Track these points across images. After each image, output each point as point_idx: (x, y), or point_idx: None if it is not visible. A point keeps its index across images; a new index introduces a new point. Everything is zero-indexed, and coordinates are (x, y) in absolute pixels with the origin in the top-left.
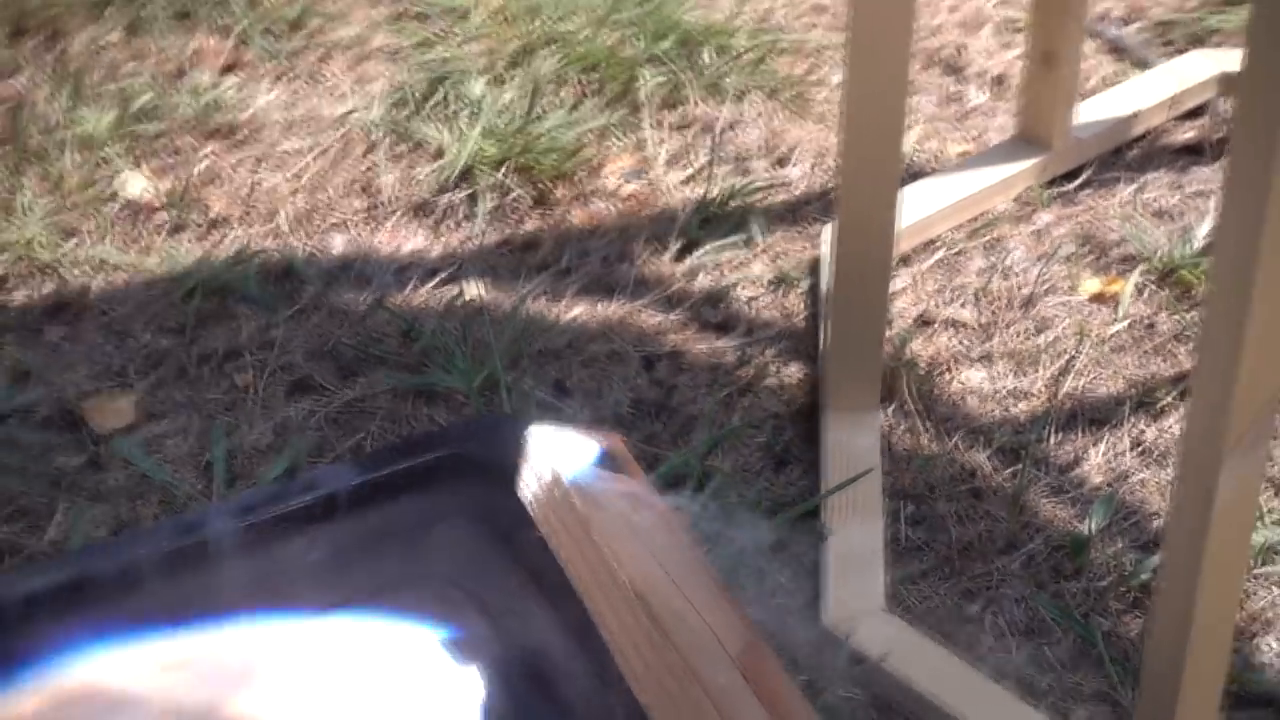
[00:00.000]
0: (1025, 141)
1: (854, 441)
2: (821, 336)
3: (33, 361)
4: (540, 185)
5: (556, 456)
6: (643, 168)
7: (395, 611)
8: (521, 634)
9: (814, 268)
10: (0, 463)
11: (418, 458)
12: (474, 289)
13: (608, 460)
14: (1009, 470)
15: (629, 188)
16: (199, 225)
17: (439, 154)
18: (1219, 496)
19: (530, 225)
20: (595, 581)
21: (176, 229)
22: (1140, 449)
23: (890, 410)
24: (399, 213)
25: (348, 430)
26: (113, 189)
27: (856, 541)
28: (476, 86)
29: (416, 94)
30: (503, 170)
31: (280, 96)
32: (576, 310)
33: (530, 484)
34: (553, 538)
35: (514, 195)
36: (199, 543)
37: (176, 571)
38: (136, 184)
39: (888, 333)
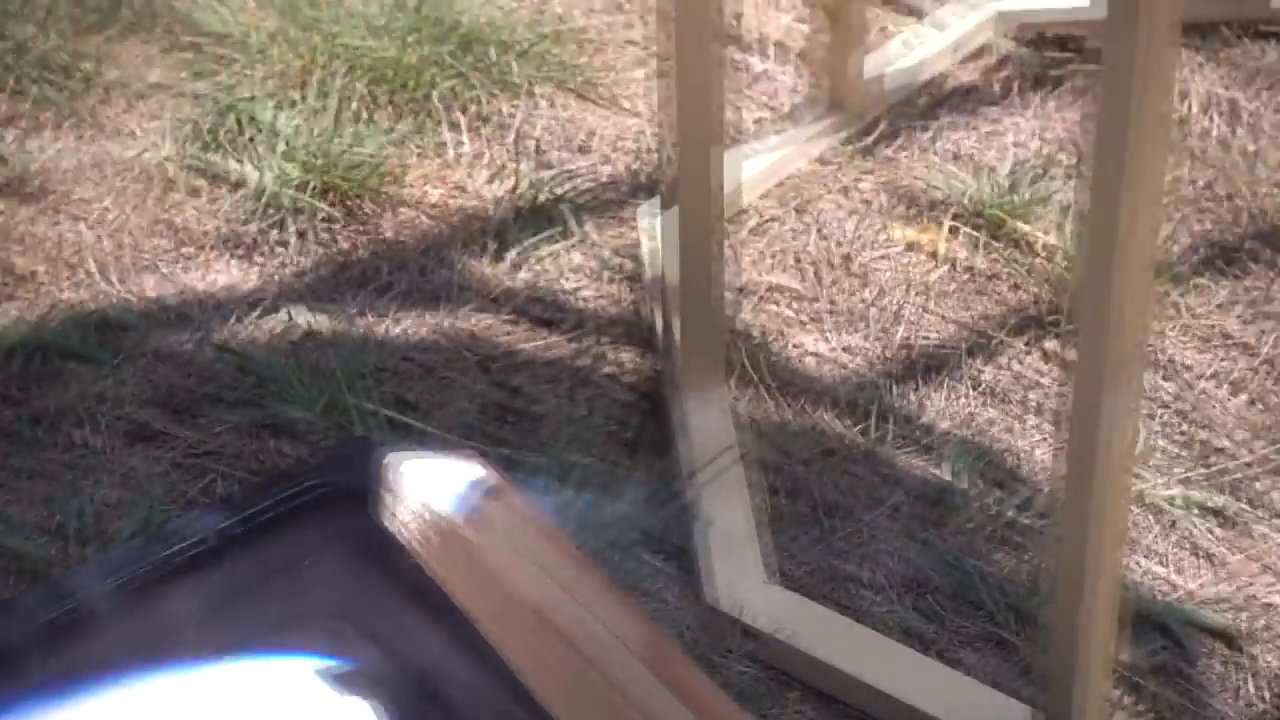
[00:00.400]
0: (819, 102)
1: (706, 419)
2: (656, 319)
3: None
4: (348, 202)
5: (425, 485)
6: (445, 173)
7: (284, 651)
8: (417, 660)
9: (633, 252)
10: None
11: (283, 493)
12: (299, 315)
13: (475, 480)
14: (859, 427)
15: (434, 194)
16: (5, 284)
17: (240, 184)
18: (1100, 433)
19: (344, 244)
20: (487, 604)
21: None
22: (980, 389)
23: (732, 382)
24: (209, 247)
25: (196, 474)
26: None
27: (727, 518)
28: (267, 111)
29: (206, 126)
30: (308, 192)
31: (66, 144)
32: (405, 323)
33: (401, 514)
34: (434, 566)
35: (323, 216)
36: (73, 608)
37: (56, 640)
38: None
39: None
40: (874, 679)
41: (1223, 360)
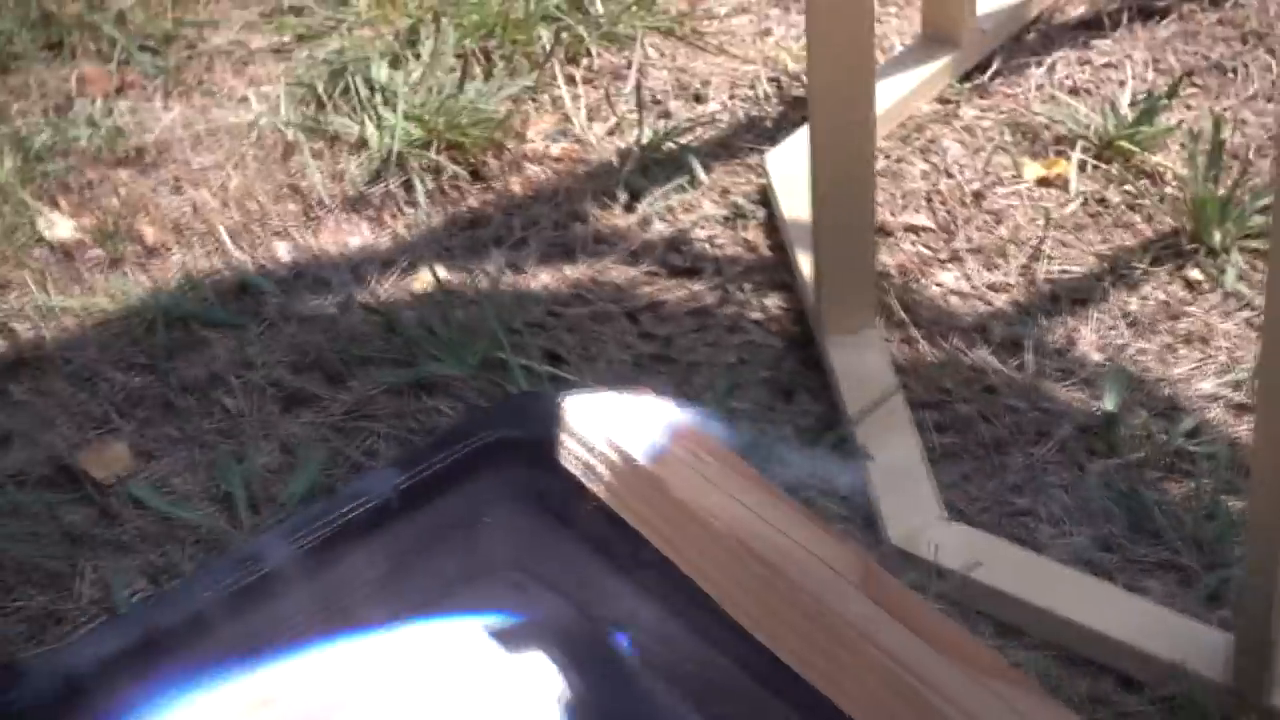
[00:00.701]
0: (932, 41)
1: (862, 361)
2: (799, 263)
3: (8, 423)
4: (472, 160)
5: (607, 424)
6: (565, 126)
7: (466, 609)
8: (600, 609)
9: (764, 196)
10: (9, 531)
11: (457, 448)
12: (436, 273)
13: (656, 416)
14: (1014, 363)
15: (557, 148)
16: (137, 256)
17: (362, 144)
18: None
19: (473, 201)
20: (684, 538)
21: (114, 263)
22: (1129, 320)
23: (879, 324)
24: (337, 210)
25: (355, 436)
26: (36, 234)
27: (897, 457)
28: (381, 71)
29: (320, 88)
30: (432, 150)
31: (180, 113)
32: (545, 278)
33: (583, 455)
34: (621, 504)
35: (449, 174)
36: (260, 576)
37: (242, 608)
38: (61, 225)
39: None
40: (1066, 611)
41: None
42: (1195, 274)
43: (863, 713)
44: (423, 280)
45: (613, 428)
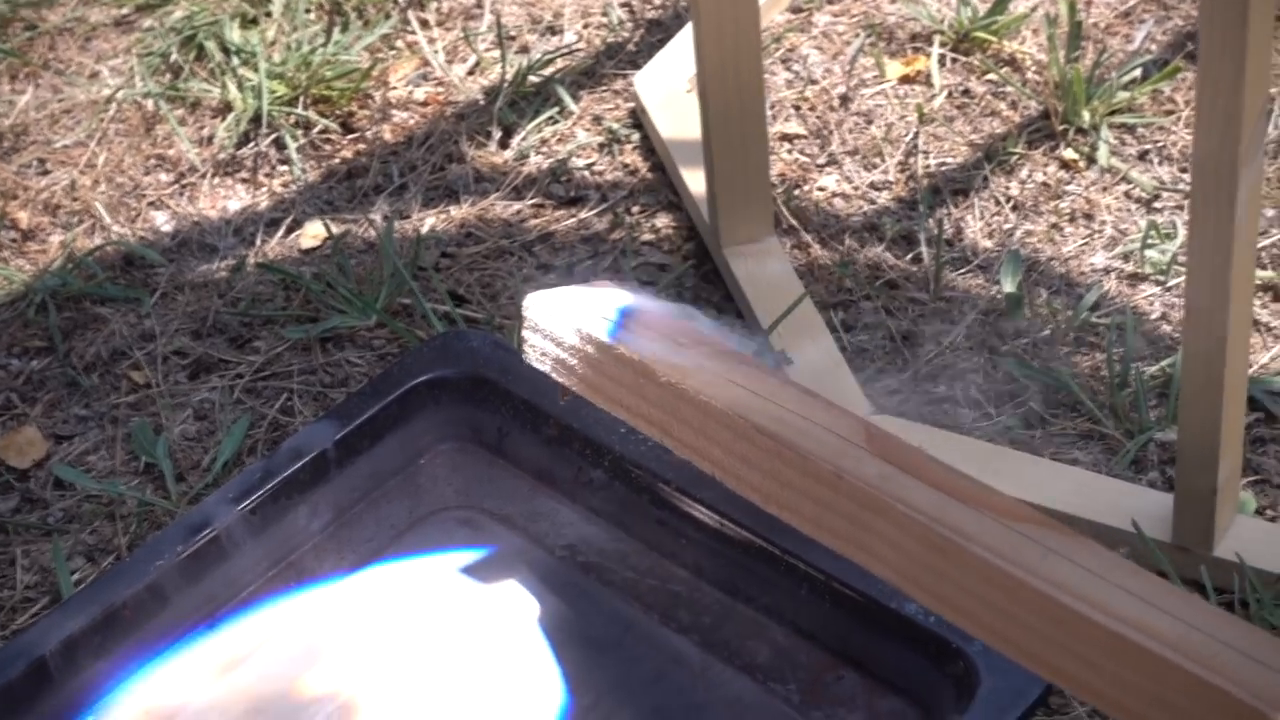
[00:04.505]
0: None
1: (765, 269)
2: (681, 181)
3: None
4: (340, 112)
5: (573, 316)
6: (426, 71)
7: (421, 551)
8: (556, 536)
9: (636, 119)
10: None
11: (389, 395)
12: (328, 226)
13: (621, 304)
14: (909, 256)
15: (421, 93)
16: (13, 241)
17: (226, 107)
18: (1238, 207)
19: (347, 153)
20: (678, 422)
21: None
22: (1012, 204)
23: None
24: (211, 175)
25: (270, 396)
26: None
27: (816, 358)
28: (234, 33)
29: (174, 56)
30: (299, 106)
31: (32, 94)
32: (433, 221)
33: (551, 351)
34: (602, 396)
35: (319, 128)
36: (209, 540)
37: (197, 574)
38: None
39: None
40: (1006, 488)
41: None
42: (1069, 153)
43: (895, 572)
44: (311, 235)
45: (584, 321)
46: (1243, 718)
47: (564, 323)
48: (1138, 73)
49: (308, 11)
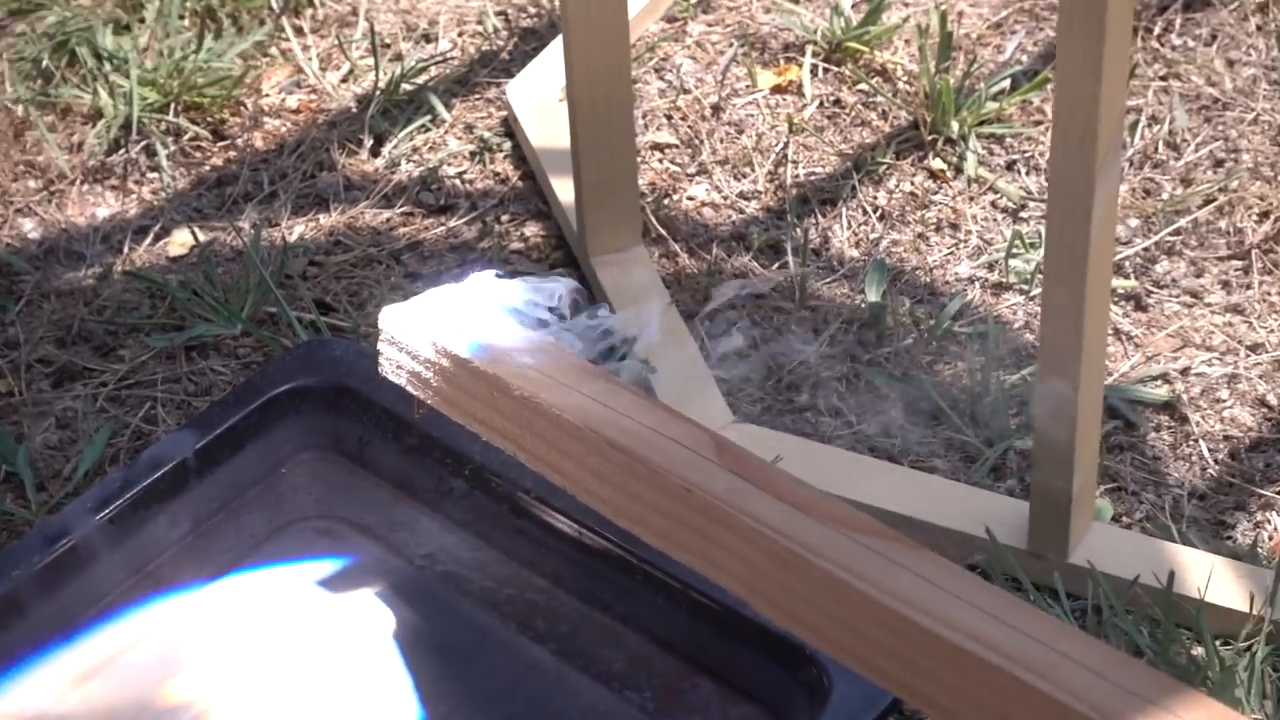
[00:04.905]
0: None
1: (631, 278)
2: (550, 189)
3: None
4: (212, 119)
5: (428, 328)
6: (300, 78)
7: (279, 560)
8: (415, 545)
9: (508, 128)
10: None
11: (250, 405)
12: (195, 234)
13: (479, 317)
14: (776, 265)
15: (294, 100)
16: None
17: (97, 114)
18: (1094, 221)
19: (218, 160)
20: (531, 435)
21: None
22: (879, 213)
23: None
24: (80, 182)
25: (133, 405)
26: None
27: (680, 367)
28: (107, 39)
29: (45, 61)
30: (171, 113)
31: None
32: (302, 229)
33: (406, 364)
34: (456, 410)
35: (190, 135)
36: (67, 550)
37: (53, 584)
38: None
39: None
40: (864, 497)
41: None
42: (937, 163)
43: (742, 585)
44: (179, 243)
45: (438, 333)
46: None
47: (419, 336)
48: (1006, 83)
49: (181, 18)
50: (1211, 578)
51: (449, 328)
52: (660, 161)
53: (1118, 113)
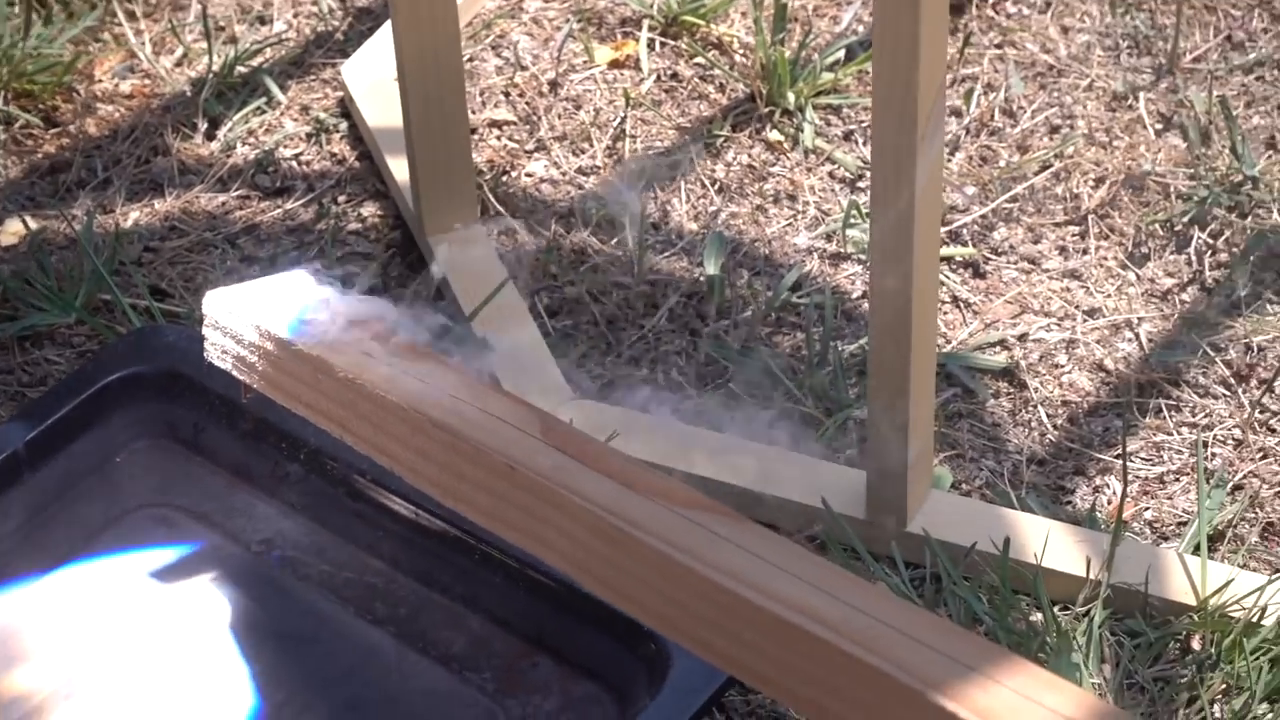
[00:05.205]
0: None
1: (468, 256)
2: (387, 169)
3: None
4: (43, 106)
5: (252, 312)
6: (133, 63)
7: (115, 550)
8: (252, 531)
9: (344, 108)
10: None
11: (81, 393)
12: (21, 225)
13: (303, 298)
14: (614, 240)
15: (127, 85)
16: None
17: None
18: (918, 185)
19: (50, 147)
20: (356, 417)
21: None
22: (717, 186)
23: (479, 220)
24: None
25: None
26: None
27: (518, 345)
28: None
29: None
30: (0, 101)
31: None
32: (136, 215)
33: (231, 348)
34: (281, 393)
35: (21, 123)
36: None
37: None
38: None
39: None
40: (702, 470)
41: None
42: (775, 135)
43: (568, 562)
44: (11, 232)
45: (261, 316)
46: (902, 697)
47: (243, 319)
48: (842, 54)
49: (11, 4)
50: (1049, 543)
51: (272, 310)
52: (498, 139)
53: (937, 81)
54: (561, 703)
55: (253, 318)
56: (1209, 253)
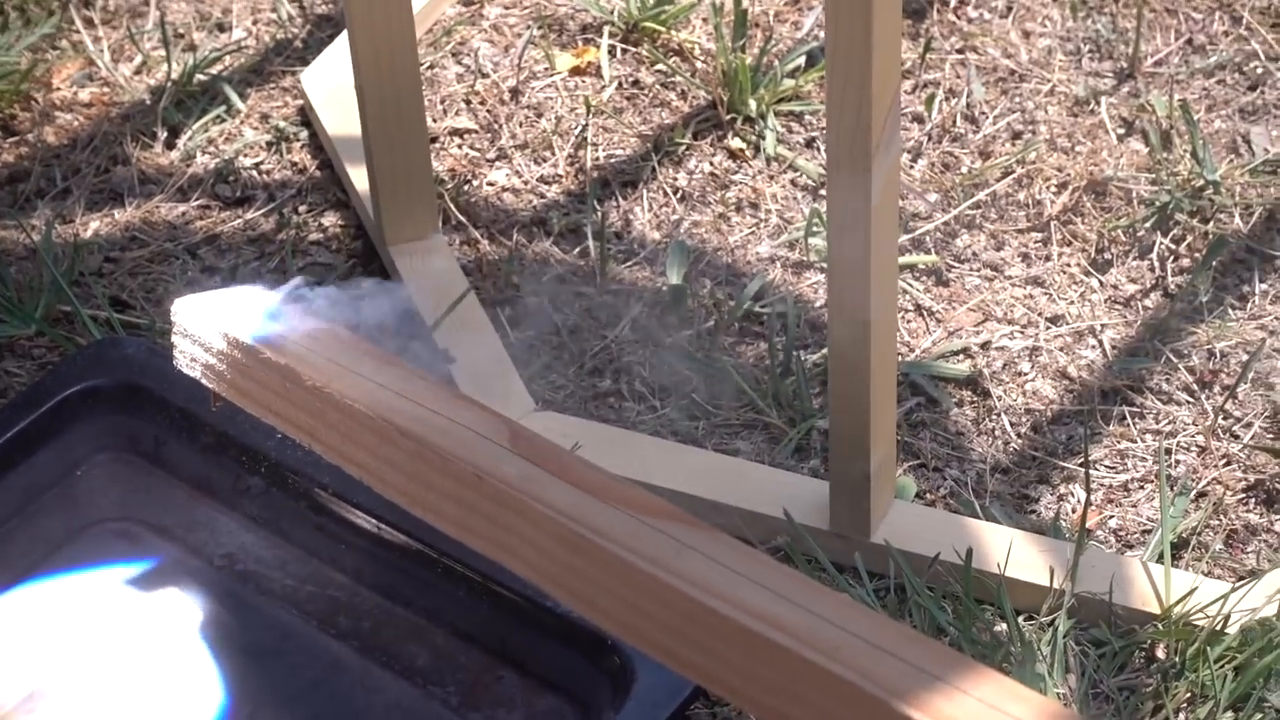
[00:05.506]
0: None
1: (429, 267)
2: (348, 179)
3: None
4: (1, 114)
5: (220, 321)
6: (91, 70)
7: (77, 566)
8: (214, 545)
9: (305, 117)
10: None
11: (40, 406)
12: None
13: (269, 308)
14: (577, 250)
15: (86, 93)
16: None
17: None
18: (874, 193)
19: (8, 157)
20: (325, 426)
21: None
22: (679, 194)
23: (440, 229)
24: None
25: None
26: None
27: (479, 356)
28: None
29: None
30: None
31: None
32: (96, 225)
33: (200, 356)
34: (250, 402)
35: None
36: None
37: None
38: None
39: None
40: (665, 482)
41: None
42: (736, 143)
43: (534, 571)
44: None
45: (230, 324)
46: (867, 706)
47: (211, 327)
48: (803, 60)
49: None
50: (1013, 552)
51: (241, 319)
52: (459, 147)
53: (892, 89)
54: (526, 716)
55: (221, 326)
56: (1171, 258)
